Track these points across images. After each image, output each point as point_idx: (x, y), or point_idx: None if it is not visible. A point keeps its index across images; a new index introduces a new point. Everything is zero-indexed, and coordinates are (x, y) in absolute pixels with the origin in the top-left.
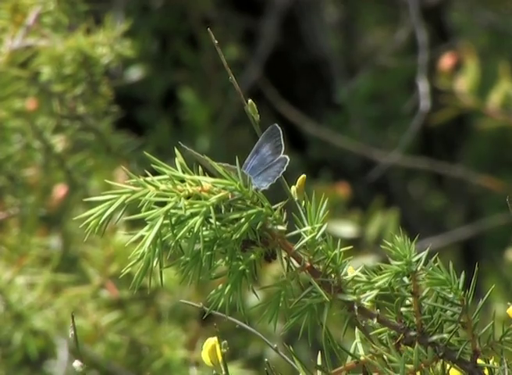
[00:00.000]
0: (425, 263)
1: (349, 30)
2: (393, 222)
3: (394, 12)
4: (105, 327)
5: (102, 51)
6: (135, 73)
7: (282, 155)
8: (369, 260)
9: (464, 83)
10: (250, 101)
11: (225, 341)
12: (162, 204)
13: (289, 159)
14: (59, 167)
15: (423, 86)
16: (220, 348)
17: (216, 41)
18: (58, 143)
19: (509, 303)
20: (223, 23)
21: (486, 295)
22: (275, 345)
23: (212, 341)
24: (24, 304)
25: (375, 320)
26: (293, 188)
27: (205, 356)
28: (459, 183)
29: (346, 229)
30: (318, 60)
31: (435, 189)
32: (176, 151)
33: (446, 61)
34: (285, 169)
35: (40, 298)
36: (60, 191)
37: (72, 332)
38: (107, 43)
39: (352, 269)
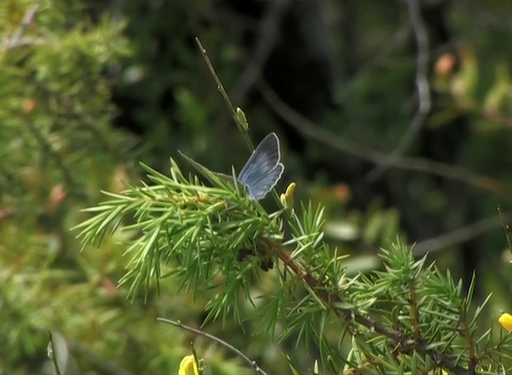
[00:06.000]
0: (424, 267)
1: (348, 31)
2: (392, 223)
3: (394, 12)
4: (103, 325)
5: (99, 50)
6: (133, 74)
7: (277, 164)
8: (368, 262)
9: (462, 86)
10: (238, 109)
11: (202, 360)
12: (158, 214)
13: (283, 168)
14: (57, 166)
15: (423, 87)
16: (197, 366)
17: (204, 51)
18: (56, 142)
19: (501, 311)
20: (222, 24)
21: (485, 302)
22: (254, 362)
23: (189, 359)
24: (22, 302)
25: (373, 328)
26: (283, 197)
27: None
28: (458, 185)
29: (345, 230)
30: (318, 61)
31: (435, 190)
32: (172, 160)
33: (444, 63)
34: (280, 177)
35: (38, 296)
36: (58, 194)
37: (51, 351)
38: (104, 42)
39: (345, 281)
